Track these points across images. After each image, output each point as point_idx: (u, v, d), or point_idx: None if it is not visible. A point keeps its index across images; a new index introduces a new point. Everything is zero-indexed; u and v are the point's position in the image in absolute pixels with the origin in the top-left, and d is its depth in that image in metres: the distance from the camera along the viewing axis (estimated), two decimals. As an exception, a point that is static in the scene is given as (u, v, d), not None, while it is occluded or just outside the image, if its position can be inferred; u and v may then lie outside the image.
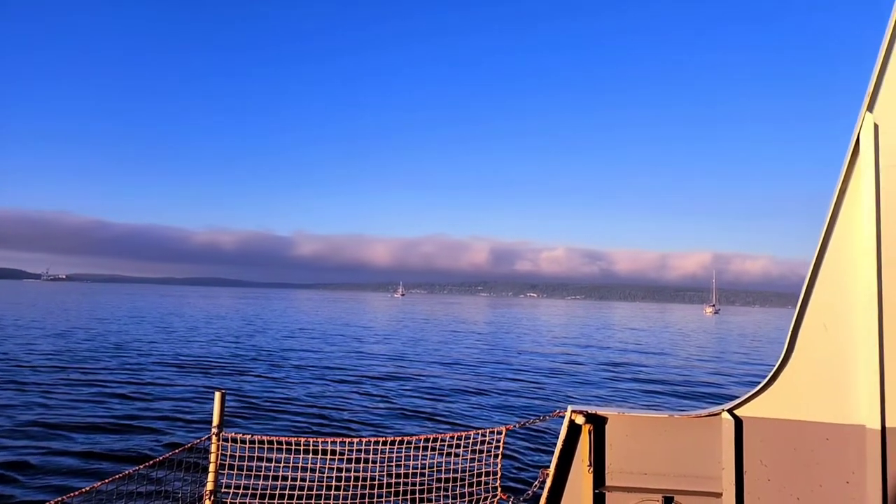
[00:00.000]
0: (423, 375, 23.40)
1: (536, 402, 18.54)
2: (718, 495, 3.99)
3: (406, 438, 5.40)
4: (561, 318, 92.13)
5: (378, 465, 5.51)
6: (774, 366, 3.94)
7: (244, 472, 5.31)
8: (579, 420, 4.16)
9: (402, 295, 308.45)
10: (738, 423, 3.98)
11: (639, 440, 4.18)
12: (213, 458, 5.15)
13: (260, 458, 5.43)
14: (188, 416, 14.49)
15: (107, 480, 4.81)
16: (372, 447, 5.44)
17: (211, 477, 5.13)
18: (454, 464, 5.27)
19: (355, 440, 5.49)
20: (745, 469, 3.96)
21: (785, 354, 3.90)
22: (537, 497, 4.45)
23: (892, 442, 3.65)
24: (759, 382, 4.01)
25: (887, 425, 3.65)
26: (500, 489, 5.02)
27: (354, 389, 19.43)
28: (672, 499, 4.06)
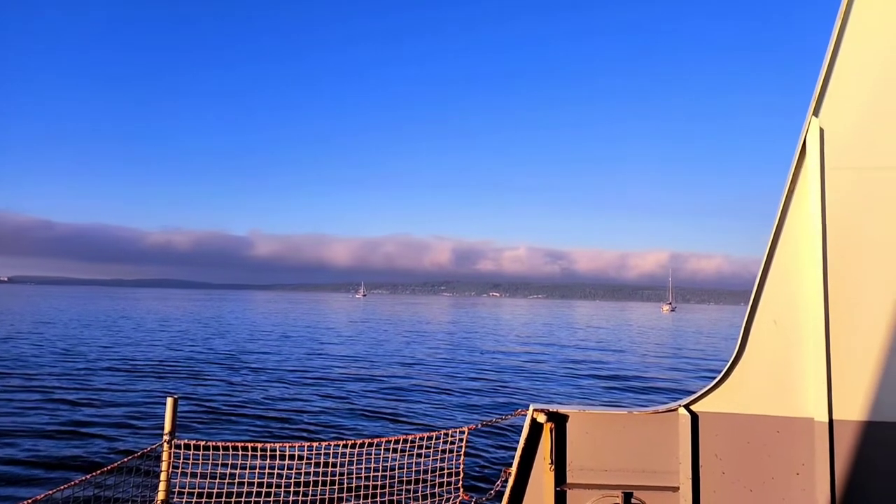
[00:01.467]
0: (385, 376, 23.27)
1: (499, 401, 18.64)
2: (676, 489, 4.06)
3: (367, 441, 5.33)
4: (523, 318, 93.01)
5: (339, 468, 5.43)
6: (728, 362, 4.03)
7: (198, 480, 5.15)
8: (541, 418, 4.19)
9: (364, 295, 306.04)
10: (695, 418, 4.06)
11: (599, 437, 4.22)
12: (164, 465, 4.98)
13: (215, 465, 5.28)
14: (140, 423, 14.06)
15: (52, 491, 4.61)
16: (332, 451, 5.35)
17: (162, 486, 4.96)
18: (416, 465, 5.23)
19: (315, 444, 5.40)
20: (700, 463, 4.04)
21: (738, 350, 4.00)
22: (500, 496, 4.46)
23: (839, 434, 3.77)
24: (714, 378, 4.10)
25: (834, 418, 3.76)
26: (462, 489, 5.01)
27: (315, 392, 19.18)
28: (631, 494, 4.10)
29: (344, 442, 5.33)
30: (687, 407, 4.08)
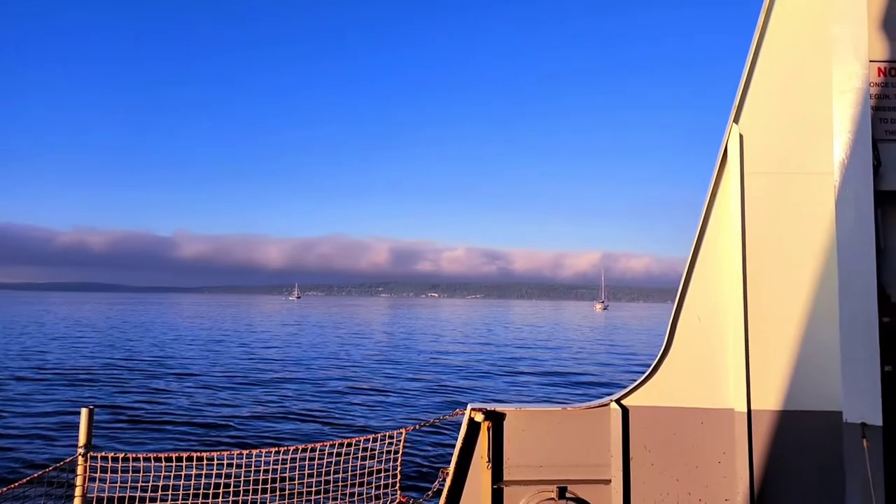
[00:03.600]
0: (321, 379, 22.88)
1: (438, 401, 18.68)
2: (608, 482, 4.19)
3: (301, 447, 5.20)
4: (462, 318, 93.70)
5: (272, 475, 5.24)
6: (656, 357, 4.20)
7: (117, 494, 4.87)
8: (478, 417, 4.23)
9: (298, 297, 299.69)
10: (625, 412, 4.20)
11: (534, 434, 4.30)
12: (79, 480, 4.69)
13: (136, 478, 4.99)
14: (54, 435, 13.31)
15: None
16: (265, 457, 5.18)
17: (77, 502, 4.65)
18: (353, 469, 5.13)
19: (246, 451, 5.21)
20: (631, 455, 4.19)
21: (665, 346, 4.18)
22: (438, 496, 4.45)
23: (756, 423, 3.99)
24: (644, 373, 4.25)
25: (753, 408, 3.99)
26: (399, 491, 4.96)
27: (246, 397, 18.63)
28: (566, 489, 4.20)
29: (277, 448, 5.16)
30: (618, 401, 4.21)
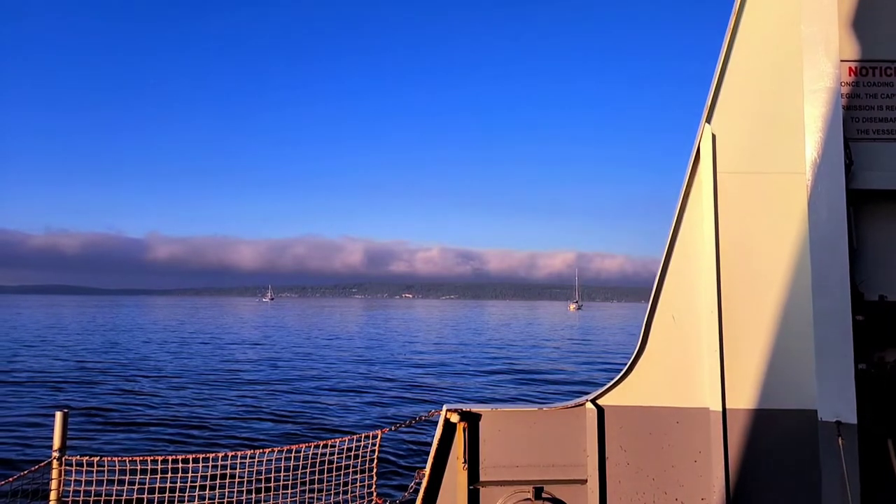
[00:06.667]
0: (294, 380, 22.68)
1: (413, 402, 18.64)
2: (584, 482, 4.20)
3: (276, 449, 5.16)
4: (436, 318, 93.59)
5: (247, 478, 5.21)
6: (631, 357, 4.21)
7: (92, 498, 4.79)
8: (454, 418, 4.21)
9: (272, 299, 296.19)
10: (601, 411, 4.21)
11: (510, 434, 4.30)
12: (54, 485, 4.61)
13: (111, 482, 4.92)
14: (27, 440, 13.01)
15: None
16: (239, 461, 5.13)
17: (51, 506, 4.57)
18: (328, 471, 5.12)
19: (220, 454, 5.16)
20: (607, 455, 4.20)
21: (640, 346, 4.18)
22: (413, 499, 4.44)
23: (731, 422, 4.01)
24: (619, 372, 4.27)
25: (727, 407, 4.00)
26: (375, 494, 4.95)
27: (219, 399, 18.39)
28: (542, 489, 4.20)
29: (251, 451, 5.13)
30: (593, 401, 4.22)
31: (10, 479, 4.61)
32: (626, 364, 4.23)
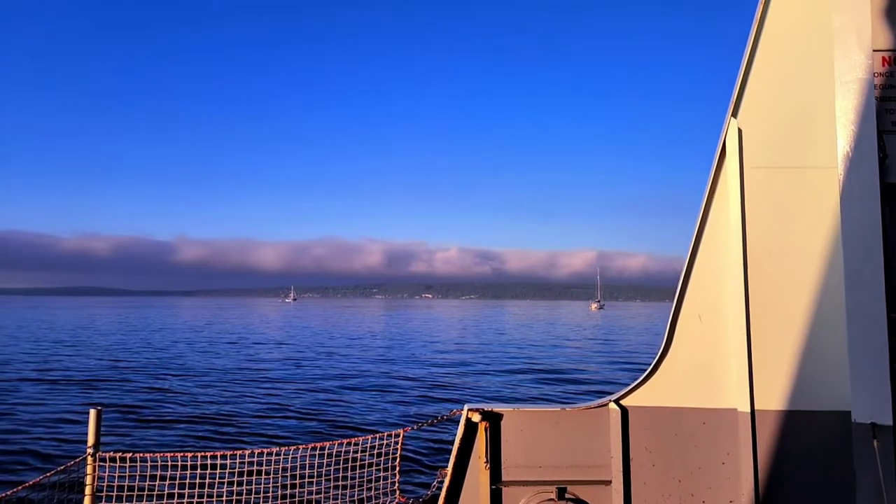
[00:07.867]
0: (318, 380, 22.89)
1: (435, 401, 18.69)
2: (608, 483, 4.17)
3: (301, 446, 5.24)
4: (457, 318, 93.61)
5: (272, 475, 5.31)
6: (655, 357, 4.16)
7: (125, 494, 4.92)
8: (476, 418, 4.21)
9: (294, 300, 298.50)
10: (625, 412, 4.17)
11: (533, 434, 4.28)
12: (88, 479, 4.75)
13: (143, 477, 5.05)
14: (63, 436, 13.34)
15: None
16: (265, 457, 5.23)
17: (87, 501, 4.72)
18: (352, 469, 5.19)
19: (247, 451, 5.26)
20: (631, 456, 4.15)
21: (664, 345, 4.13)
22: (436, 498, 4.46)
23: (760, 423, 3.92)
24: (643, 373, 4.22)
25: (756, 408, 3.92)
26: (398, 492, 5.00)
27: (246, 397, 18.65)
28: (565, 489, 4.18)
29: (277, 448, 5.22)
30: (617, 402, 4.18)
31: (48, 473, 4.76)
32: (650, 364, 4.18)
